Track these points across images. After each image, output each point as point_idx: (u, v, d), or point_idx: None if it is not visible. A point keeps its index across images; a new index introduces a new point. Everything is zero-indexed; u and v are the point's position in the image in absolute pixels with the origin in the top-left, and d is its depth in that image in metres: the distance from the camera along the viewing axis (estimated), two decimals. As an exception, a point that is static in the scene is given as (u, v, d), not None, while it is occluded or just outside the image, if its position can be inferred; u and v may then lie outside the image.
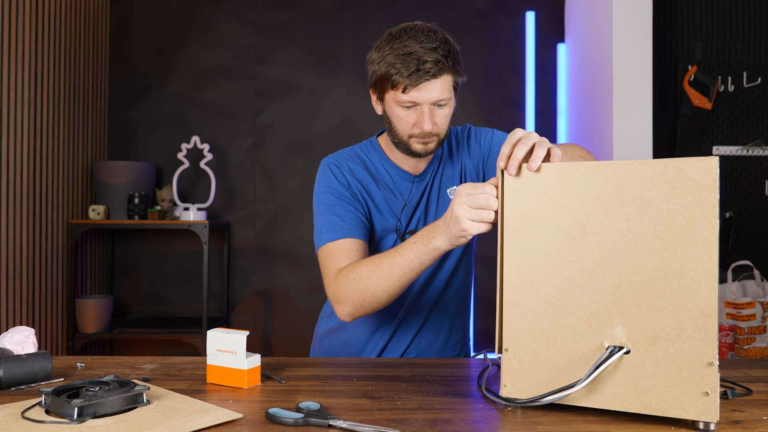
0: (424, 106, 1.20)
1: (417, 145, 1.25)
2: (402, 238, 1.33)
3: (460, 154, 1.40)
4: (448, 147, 1.40)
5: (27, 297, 2.46)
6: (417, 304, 1.39)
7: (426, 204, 1.36)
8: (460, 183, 1.37)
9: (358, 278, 1.15)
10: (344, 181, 1.32)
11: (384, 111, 1.27)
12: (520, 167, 0.90)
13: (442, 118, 1.23)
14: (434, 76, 1.17)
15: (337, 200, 1.29)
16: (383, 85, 1.22)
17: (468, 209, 0.98)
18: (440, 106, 1.21)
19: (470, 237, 1.01)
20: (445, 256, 1.38)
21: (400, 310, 1.38)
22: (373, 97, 1.30)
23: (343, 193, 1.30)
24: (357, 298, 1.16)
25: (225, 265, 3.16)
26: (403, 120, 1.23)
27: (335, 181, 1.32)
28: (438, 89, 1.18)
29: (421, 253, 1.08)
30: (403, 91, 1.18)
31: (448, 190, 1.37)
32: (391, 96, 1.22)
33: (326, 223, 1.27)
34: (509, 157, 0.91)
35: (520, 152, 0.90)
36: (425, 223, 1.35)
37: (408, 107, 1.21)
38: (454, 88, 1.23)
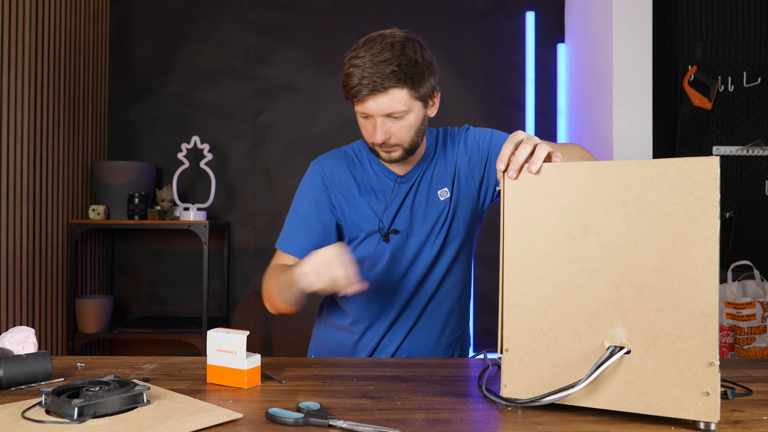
0: (376, 118, 1.21)
1: (381, 153, 1.28)
2: (386, 238, 1.34)
3: (455, 155, 1.39)
4: (442, 147, 1.40)
5: (27, 297, 2.46)
6: (410, 304, 1.39)
7: (412, 204, 1.36)
8: (453, 183, 1.37)
9: (267, 288, 1.32)
10: (322, 191, 1.36)
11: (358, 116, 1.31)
12: (520, 170, 0.90)
13: (400, 129, 1.23)
14: (375, 91, 1.17)
15: (304, 211, 1.36)
16: (346, 93, 1.25)
17: (314, 268, 1.10)
18: (395, 117, 1.22)
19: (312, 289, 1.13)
20: (438, 255, 1.38)
21: (392, 310, 1.39)
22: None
23: (314, 205, 1.36)
24: (268, 301, 1.34)
25: (225, 265, 3.16)
26: (363, 128, 1.27)
27: (312, 191, 1.37)
28: (386, 102, 1.19)
29: (290, 280, 1.19)
30: (354, 102, 1.22)
31: (438, 192, 1.37)
32: (357, 114, 1.27)
33: (287, 231, 1.38)
34: (509, 157, 0.92)
35: (522, 155, 0.90)
36: (411, 224, 1.36)
37: (364, 117, 1.24)
38: (419, 99, 1.23)
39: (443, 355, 1.44)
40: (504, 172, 0.92)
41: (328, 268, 1.09)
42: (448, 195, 1.37)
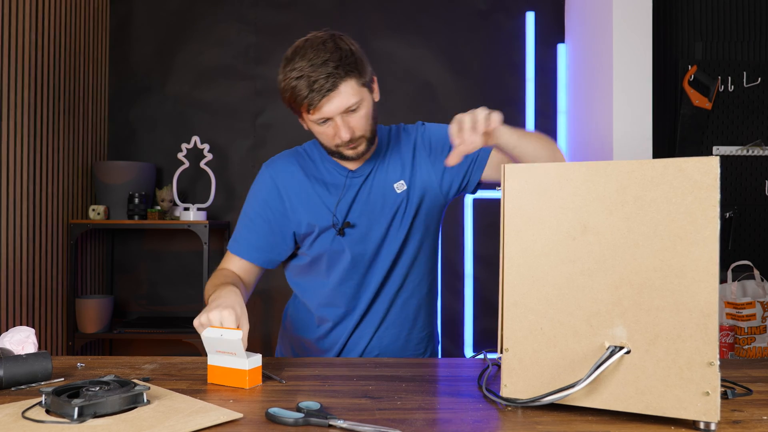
0: (336, 117, 1.22)
1: (347, 151, 1.28)
2: (341, 232, 1.34)
3: (410, 148, 1.39)
4: (395, 141, 1.41)
5: (27, 297, 2.46)
6: (376, 300, 1.39)
7: (368, 197, 1.36)
8: (411, 176, 1.37)
9: (206, 290, 1.29)
10: (272, 192, 1.37)
11: (308, 127, 1.30)
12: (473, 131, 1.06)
13: (359, 120, 1.24)
14: (330, 90, 1.18)
15: (254, 213, 1.38)
16: (293, 108, 1.25)
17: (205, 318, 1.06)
18: (353, 111, 1.22)
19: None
20: (401, 249, 1.38)
21: (358, 307, 1.39)
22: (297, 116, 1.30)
23: (263, 207, 1.38)
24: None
25: (225, 265, 3.16)
26: (323, 134, 1.26)
27: (261, 192, 1.38)
28: (341, 98, 1.19)
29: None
30: (309, 112, 1.22)
31: (395, 185, 1.37)
32: (305, 117, 1.26)
33: (237, 233, 1.41)
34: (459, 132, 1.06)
35: (479, 115, 1.06)
36: (368, 218, 1.36)
37: (321, 123, 1.24)
38: (365, 86, 1.24)
39: (414, 352, 1.44)
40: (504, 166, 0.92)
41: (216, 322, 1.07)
42: (405, 188, 1.36)
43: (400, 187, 1.37)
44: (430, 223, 1.42)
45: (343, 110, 1.21)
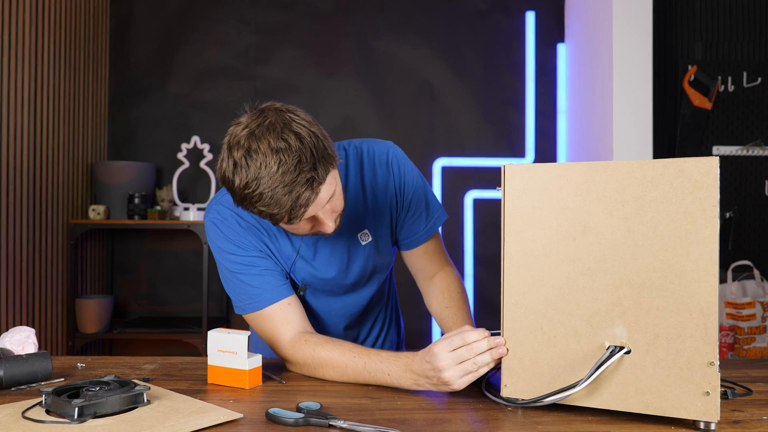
0: (318, 213, 1.00)
1: (328, 231, 1.04)
2: (301, 292, 1.19)
3: (363, 187, 1.20)
4: (358, 185, 1.20)
5: (27, 297, 2.46)
6: (350, 331, 1.31)
7: (329, 256, 1.19)
8: (375, 222, 1.21)
9: (318, 367, 1.07)
10: (241, 236, 1.13)
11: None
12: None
13: (338, 199, 1.03)
14: (311, 199, 0.95)
15: (243, 266, 1.12)
16: (274, 221, 0.99)
17: (456, 370, 0.92)
18: (332, 197, 1.01)
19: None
20: (364, 296, 1.27)
21: (335, 333, 1.29)
22: None
23: (246, 253, 1.13)
24: (310, 372, 1.09)
25: (225, 265, 3.16)
26: (300, 229, 1.05)
27: (231, 241, 1.13)
28: (323, 197, 0.98)
29: (384, 382, 1.01)
30: (287, 222, 0.99)
31: (359, 235, 1.20)
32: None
33: (243, 296, 1.13)
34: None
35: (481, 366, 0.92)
36: (328, 278, 1.19)
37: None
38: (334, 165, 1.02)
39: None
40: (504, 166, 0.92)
41: (469, 354, 0.92)
42: (370, 239, 1.21)
43: (365, 237, 1.20)
44: (389, 256, 1.28)
45: (326, 203, 1.00)
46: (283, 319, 1.11)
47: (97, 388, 0.87)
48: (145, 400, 0.88)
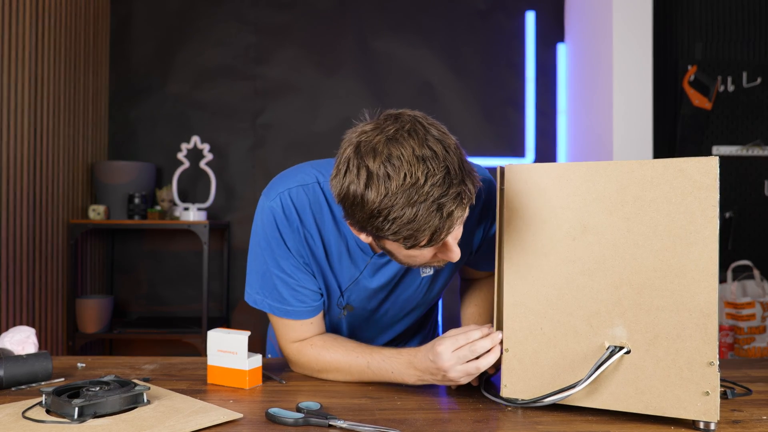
0: (447, 240, 0.88)
1: (455, 259, 0.92)
2: (345, 313, 1.13)
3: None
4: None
5: (27, 297, 2.46)
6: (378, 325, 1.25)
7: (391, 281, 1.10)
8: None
9: (322, 370, 1.06)
10: (297, 242, 1.03)
11: (378, 245, 0.94)
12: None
13: (461, 228, 0.90)
14: (462, 213, 0.84)
15: (283, 273, 1.04)
16: (381, 237, 0.87)
17: (459, 369, 0.91)
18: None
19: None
20: (407, 323, 1.23)
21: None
22: (355, 229, 0.91)
23: (290, 261, 1.03)
24: (313, 374, 1.08)
25: (225, 265, 3.16)
26: (417, 258, 0.92)
27: (282, 240, 1.02)
28: (462, 220, 0.87)
29: (389, 379, 1.00)
30: (428, 245, 0.86)
31: (420, 268, 1.07)
32: (395, 245, 0.90)
33: (268, 296, 1.05)
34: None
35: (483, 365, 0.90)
36: (383, 304, 1.13)
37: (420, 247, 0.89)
38: None
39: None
40: (502, 167, 0.92)
41: (472, 351, 0.90)
42: (431, 272, 1.11)
43: (426, 271, 1.10)
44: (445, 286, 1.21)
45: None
46: (301, 332, 1.08)
47: (97, 388, 0.87)
48: (145, 400, 0.88)
